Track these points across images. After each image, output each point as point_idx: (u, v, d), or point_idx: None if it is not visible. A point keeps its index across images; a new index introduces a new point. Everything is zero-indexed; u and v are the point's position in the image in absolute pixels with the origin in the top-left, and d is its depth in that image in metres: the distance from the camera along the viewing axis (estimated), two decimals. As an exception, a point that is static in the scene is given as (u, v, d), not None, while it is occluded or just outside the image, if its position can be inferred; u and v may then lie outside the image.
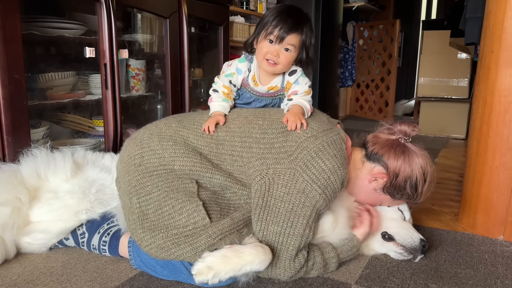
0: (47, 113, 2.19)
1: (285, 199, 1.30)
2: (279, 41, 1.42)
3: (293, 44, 1.44)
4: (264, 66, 1.47)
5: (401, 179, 1.46)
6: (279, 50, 1.43)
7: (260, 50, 1.45)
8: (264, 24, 1.44)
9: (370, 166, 1.51)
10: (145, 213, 1.33)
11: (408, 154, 1.47)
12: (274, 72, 1.49)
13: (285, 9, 1.46)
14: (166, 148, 1.40)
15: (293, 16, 1.43)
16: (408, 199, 1.52)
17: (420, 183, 1.47)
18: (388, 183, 1.48)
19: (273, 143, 1.36)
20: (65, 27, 2.06)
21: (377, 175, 1.49)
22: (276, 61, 1.44)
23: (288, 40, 1.42)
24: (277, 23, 1.41)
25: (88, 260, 1.50)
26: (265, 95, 1.55)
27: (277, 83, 1.52)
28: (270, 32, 1.42)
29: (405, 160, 1.46)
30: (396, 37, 4.96)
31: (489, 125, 1.72)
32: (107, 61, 2.10)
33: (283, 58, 1.44)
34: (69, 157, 1.67)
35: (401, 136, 1.52)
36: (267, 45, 1.44)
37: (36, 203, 1.55)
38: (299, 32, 1.43)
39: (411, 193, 1.48)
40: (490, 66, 1.70)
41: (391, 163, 1.47)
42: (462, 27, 2.28)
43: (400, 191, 1.48)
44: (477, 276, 1.44)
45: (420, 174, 1.46)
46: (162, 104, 2.70)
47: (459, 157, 3.26)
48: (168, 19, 2.49)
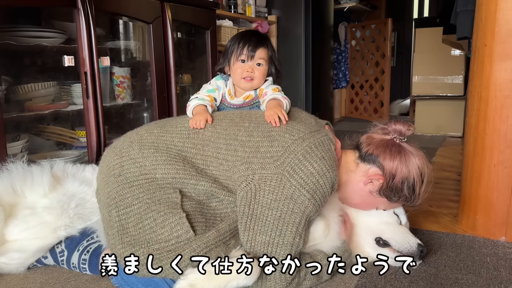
0: (27, 125, 2.12)
1: (272, 206, 1.22)
2: (251, 58, 1.59)
3: (263, 58, 1.61)
4: (242, 84, 1.62)
5: (398, 180, 1.39)
6: (253, 66, 1.60)
7: (235, 72, 1.59)
8: (232, 50, 1.61)
9: (365, 167, 1.44)
10: (125, 227, 1.26)
11: (404, 154, 1.40)
12: (251, 88, 1.62)
13: (246, 32, 1.68)
14: (147, 156, 1.33)
15: (254, 35, 1.63)
16: (405, 202, 1.46)
17: (417, 184, 1.40)
18: (385, 185, 1.41)
19: (258, 147, 1.29)
20: (43, 35, 2.00)
21: (373, 177, 1.42)
22: (252, 77, 1.60)
23: (258, 54, 1.59)
24: (244, 44, 1.59)
25: (68, 279, 1.43)
26: (242, 105, 1.63)
27: (251, 92, 1.64)
28: (240, 53, 1.59)
29: (402, 161, 1.40)
30: (389, 37, 4.91)
31: (485, 122, 1.65)
32: (87, 69, 2.03)
33: (257, 73, 1.59)
34: (47, 170, 1.60)
35: (396, 135, 1.45)
36: (240, 66, 1.59)
37: (12, 221, 1.47)
38: (265, 47, 1.62)
39: (408, 194, 1.41)
40: (484, 60, 1.64)
41: (387, 164, 1.40)
42: (454, 21, 2.22)
43: (397, 193, 1.41)
44: (479, 282, 1.36)
45: (418, 175, 1.40)
46: (149, 112, 2.63)
47: (457, 156, 3.19)
48: (151, 24, 2.43)
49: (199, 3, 2.83)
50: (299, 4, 4.05)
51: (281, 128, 1.32)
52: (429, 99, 4.13)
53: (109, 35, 2.49)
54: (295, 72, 4.15)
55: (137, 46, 2.63)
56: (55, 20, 2.18)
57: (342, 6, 5.26)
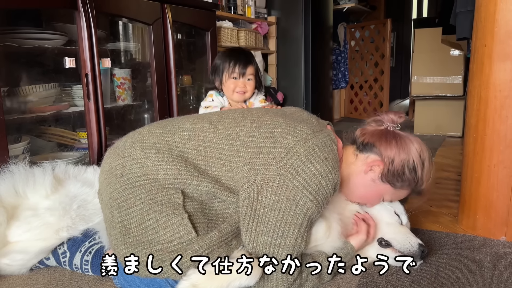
0: (29, 127, 2.13)
1: (274, 208, 1.23)
2: (242, 75, 1.95)
3: (252, 74, 1.98)
4: (236, 98, 1.99)
5: (398, 163, 1.40)
6: (244, 82, 1.97)
7: (229, 88, 1.99)
8: (223, 68, 1.97)
9: (363, 156, 1.45)
10: (128, 227, 1.26)
11: (400, 139, 1.42)
12: (244, 99, 2.01)
13: (233, 51, 2.02)
14: (149, 156, 1.32)
15: (242, 54, 1.97)
16: (410, 186, 1.44)
17: (418, 166, 1.41)
18: (385, 170, 1.41)
19: (261, 147, 1.29)
20: (44, 37, 2.00)
21: (373, 164, 1.42)
22: (244, 90, 1.98)
23: (248, 71, 1.96)
24: (235, 63, 1.94)
25: (70, 281, 1.43)
26: None
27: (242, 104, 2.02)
28: (232, 71, 1.95)
29: (398, 145, 1.41)
30: (388, 37, 4.92)
31: (485, 122, 1.66)
32: (88, 71, 2.03)
33: (248, 87, 1.99)
34: (49, 172, 1.60)
35: (389, 124, 1.47)
36: (233, 82, 1.96)
37: (14, 222, 1.48)
38: (252, 64, 1.98)
39: (411, 177, 1.41)
40: (484, 61, 1.64)
41: (384, 150, 1.42)
42: (453, 22, 2.23)
43: (399, 177, 1.41)
44: (480, 281, 1.37)
45: (417, 157, 1.41)
46: (149, 113, 2.64)
47: (457, 156, 3.20)
48: (151, 26, 2.43)
49: (199, 5, 2.84)
50: (298, 5, 4.05)
51: (283, 130, 1.31)
52: (428, 99, 4.13)
53: (110, 37, 2.49)
54: (295, 73, 4.15)
55: (138, 47, 2.63)
56: (56, 22, 2.19)
57: (341, 6, 5.27)
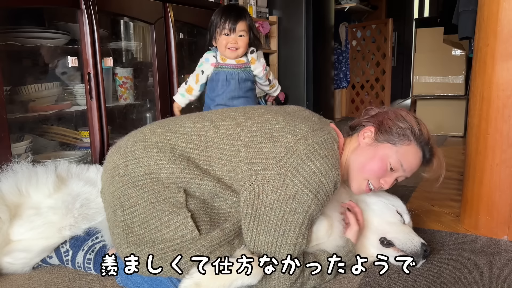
0: (31, 126, 2.13)
1: (275, 206, 1.23)
2: (233, 31, 1.91)
3: (243, 29, 1.94)
4: (227, 54, 1.96)
5: (388, 122, 1.43)
6: (236, 38, 1.93)
7: (221, 44, 1.96)
8: (216, 24, 1.95)
9: (356, 134, 1.50)
10: (130, 226, 1.26)
11: (385, 111, 1.49)
12: (237, 56, 1.97)
13: (226, 7, 2.00)
14: (151, 155, 1.32)
15: (234, 10, 1.94)
16: (411, 136, 1.40)
17: (409, 118, 1.43)
18: (377, 130, 1.43)
19: (261, 147, 1.29)
20: (47, 36, 2.00)
21: (364, 131, 1.45)
22: (236, 47, 1.93)
23: (239, 27, 1.92)
24: (225, 19, 1.91)
25: (73, 279, 1.43)
26: (235, 66, 1.99)
27: (242, 58, 2.01)
28: (223, 27, 1.92)
29: (384, 112, 1.48)
30: (389, 37, 4.92)
31: (487, 121, 1.66)
32: (90, 70, 2.03)
33: (240, 43, 1.94)
34: (51, 171, 1.61)
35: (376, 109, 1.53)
36: (225, 38, 1.93)
37: (17, 221, 1.48)
38: (244, 19, 1.93)
39: (407, 127, 1.41)
40: (486, 60, 1.64)
41: (371, 118, 1.48)
42: (455, 21, 2.22)
43: (394, 131, 1.41)
44: (482, 280, 1.37)
45: (405, 112, 1.46)
46: (151, 112, 2.64)
47: (458, 155, 3.20)
48: (154, 25, 2.43)
49: (201, 4, 2.84)
50: (300, 5, 4.05)
51: (283, 129, 1.31)
52: (430, 99, 4.13)
53: (112, 36, 2.49)
54: (296, 73, 4.15)
55: (139, 46, 2.63)
56: (59, 21, 2.19)
57: (343, 6, 5.26)
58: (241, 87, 2.03)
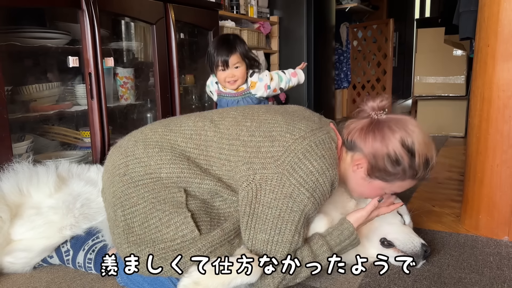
0: (32, 126, 2.13)
1: (272, 205, 1.23)
2: (227, 66, 1.97)
3: (237, 62, 1.98)
4: (228, 86, 2.05)
5: (380, 158, 1.31)
6: (232, 72, 1.99)
7: (220, 78, 2.05)
8: (211, 60, 2.02)
9: (351, 154, 1.39)
10: (131, 226, 1.27)
11: (379, 130, 1.32)
12: (237, 87, 2.04)
13: (219, 40, 2.04)
14: (151, 155, 1.32)
15: (225, 43, 1.98)
16: (405, 178, 1.33)
17: (403, 157, 1.28)
18: (369, 167, 1.34)
19: (260, 147, 1.29)
20: (48, 36, 2.00)
21: (358, 162, 1.36)
22: (234, 79, 2.00)
23: (232, 61, 1.97)
24: (217, 55, 1.98)
25: (73, 279, 1.43)
26: (236, 94, 2.05)
27: (243, 85, 2.05)
28: (217, 64, 2.00)
29: (377, 137, 1.31)
30: (390, 37, 4.92)
31: (488, 122, 1.66)
32: (91, 70, 2.04)
33: (237, 74, 2.00)
34: (52, 171, 1.61)
35: (372, 113, 1.37)
36: (221, 73, 2.01)
37: (18, 220, 1.48)
38: (235, 51, 1.97)
39: (399, 170, 1.31)
40: (487, 61, 1.64)
41: (364, 146, 1.33)
42: (456, 21, 2.22)
43: (385, 172, 1.33)
44: (482, 281, 1.37)
45: (398, 147, 1.29)
46: (152, 112, 2.64)
47: (459, 156, 3.19)
48: (154, 25, 2.43)
49: (201, 4, 2.84)
50: (301, 5, 4.05)
51: (282, 128, 1.31)
52: (431, 99, 4.13)
53: (113, 36, 2.49)
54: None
55: (140, 47, 2.63)
56: (60, 21, 2.19)
57: (344, 6, 5.26)
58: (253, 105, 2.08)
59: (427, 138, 1.35)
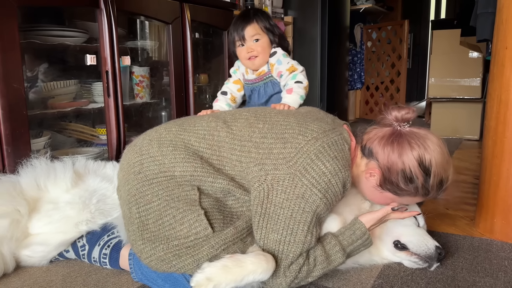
0: (49, 122, 2.17)
1: (284, 206, 1.23)
2: (243, 39, 1.72)
3: (255, 33, 1.71)
4: (249, 65, 1.78)
5: (394, 173, 1.31)
6: (250, 46, 1.71)
7: (240, 56, 1.79)
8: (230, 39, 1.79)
9: (366, 161, 1.39)
10: (145, 223, 1.28)
11: (398, 143, 1.30)
12: (259, 65, 1.75)
13: (237, 17, 1.79)
14: (166, 154, 1.34)
15: (241, 17, 1.75)
16: (419, 195, 1.34)
17: (417, 176, 1.28)
18: (382, 179, 1.34)
19: (271, 148, 1.30)
20: (66, 35, 2.04)
21: (371, 171, 1.36)
22: (255, 54, 1.72)
23: (248, 33, 1.70)
24: (234, 30, 1.75)
25: (89, 273, 1.46)
26: (257, 80, 1.80)
27: (263, 68, 1.78)
28: (234, 39, 1.76)
29: (395, 151, 1.30)
30: (405, 38, 4.88)
31: (505, 125, 1.64)
32: (108, 68, 2.06)
33: (257, 48, 1.71)
34: (69, 166, 1.64)
35: (395, 124, 1.36)
36: (241, 49, 1.75)
37: (36, 215, 1.52)
38: (251, 22, 1.71)
39: (411, 188, 1.31)
40: (505, 63, 1.62)
41: (380, 156, 1.33)
42: (473, 23, 2.21)
43: (397, 187, 1.32)
44: (497, 285, 1.36)
45: (414, 166, 1.28)
46: (167, 111, 2.66)
47: (474, 159, 3.16)
48: (171, 24, 2.46)
49: (217, 4, 2.86)
50: (315, 5, 4.05)
51: (294, 130, 1.31)
52: (445, 102, 4.09)
53: (130, 35, 2.53)
54: (311, 73, 4.14)
55: (156, 46, 2.66)
56: (78, 20, 2.23)
57: (358, 7, 5.24)
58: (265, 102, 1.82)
59: (446, 158, 1.33)
